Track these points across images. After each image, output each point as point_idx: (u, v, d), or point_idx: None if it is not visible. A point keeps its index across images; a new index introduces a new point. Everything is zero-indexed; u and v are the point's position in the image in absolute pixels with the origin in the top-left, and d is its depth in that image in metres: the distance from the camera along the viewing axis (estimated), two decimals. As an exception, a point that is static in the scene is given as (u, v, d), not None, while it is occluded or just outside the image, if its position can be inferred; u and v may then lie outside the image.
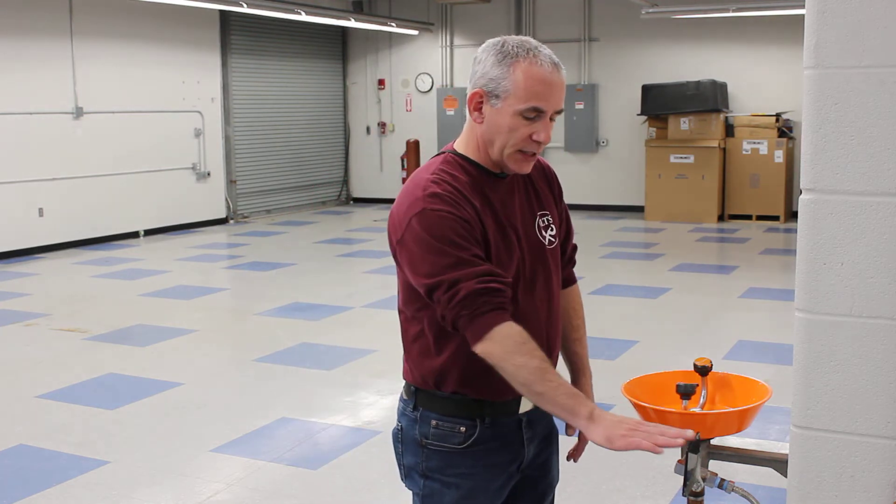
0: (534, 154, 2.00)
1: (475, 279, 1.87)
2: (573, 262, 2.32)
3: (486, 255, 1.96)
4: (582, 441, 2.22)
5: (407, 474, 2.13)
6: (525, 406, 2.10)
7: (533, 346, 1.89)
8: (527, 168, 2.03)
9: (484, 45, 1.99)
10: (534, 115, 1.93)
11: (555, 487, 2.27)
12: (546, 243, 2.11)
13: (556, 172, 2.25)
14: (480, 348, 1.89)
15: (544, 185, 2.17)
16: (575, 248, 2.31)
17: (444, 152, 2.07)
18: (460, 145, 2.06)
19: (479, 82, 1.96)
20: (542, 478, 2.21)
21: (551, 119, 1.96)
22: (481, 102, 1.96)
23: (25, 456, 4.51)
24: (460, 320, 1.89)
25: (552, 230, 2.14)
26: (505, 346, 1.88)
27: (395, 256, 2.01)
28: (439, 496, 2.07)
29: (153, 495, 4.07)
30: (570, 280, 2.31)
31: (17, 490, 4.10)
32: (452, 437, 2.04)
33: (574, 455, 2.24)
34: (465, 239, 1.91)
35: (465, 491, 2.06)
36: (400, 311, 2.11)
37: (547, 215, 2.14)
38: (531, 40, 1.96)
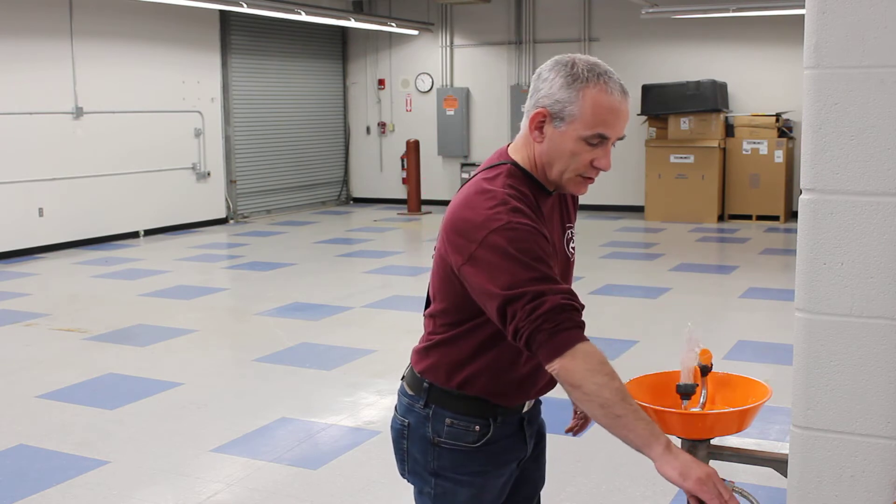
0: (592, 178, 1.97)
1: (560, 294, 1.82)
2: None
3: None
4: (583, 420, 2.31)
5: (412, 470, 2.13)
6: (528, 405, 2.14)
7: (612, 369, 1.82)
8: (584, 190, 2.01)
9: (550, 63, 1.94)
10: (597, 141, 1.91)
11: (544, 479, 2.32)
12: (570, 257, 2.14)
13: None
14: (560, 364, 1.80)
15: (570, 197, 2.18)
16: None
17: (503, 163, 2.01)
18: (517, 157, 2.01)
19: (544, 101, 1.92)
20: (535, 470, 2.26)
21: (612, 145, 1.95)
22: (543, 122, 1.93)
23: (25, 456, 4.51)
24: (540, 334, 1.80)
25: (573, 243, 2.16)
26: (588, 364, 1.79)
27: (455, 267, 1.92)
28: (452, 495, 2.08)
29: (153, 495, 4.07)
30: None
31: (17, 490, 4.10)
32: (466, 436, 2.05)
33: (575, 430, 2.35)
34: (548, 255, 1.88)
35: (477, 489, 2.08)
36: (431, 316, 2.09)
37: (571, 228, 2.16)
38: (601, 63, 1.92)
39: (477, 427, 2.04)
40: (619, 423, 1.77)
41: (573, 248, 2.15)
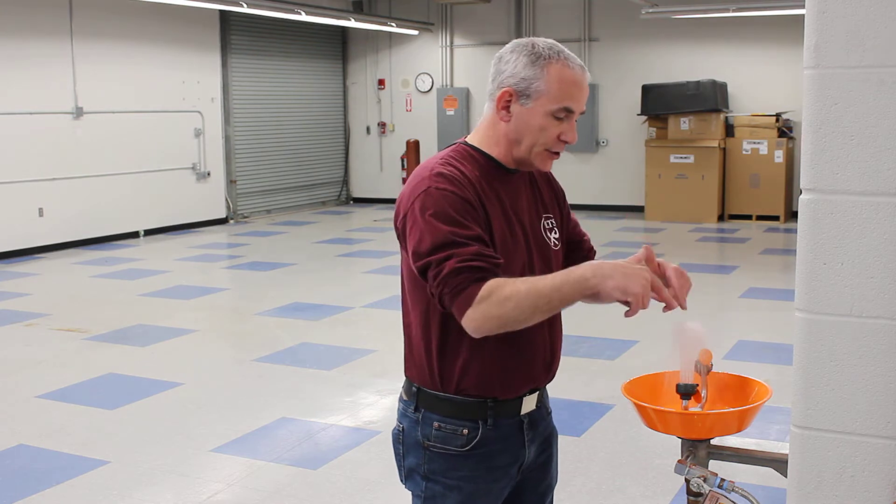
0: (558, 153, 2.05)
1: (458, 258, 1.85)
2: (591, 249, 2.30)
3: (490, 240, 1.96)
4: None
5: (408, 476, 2.12)
6: (527, 407, 2.10)
7: (511, 280, 1.85)
8: (549, 166, 2.09)
9: (511, 46, 2.03)
10: (563, 115, 1.98)
11: (554, 488, 2.27)
12: (551, 244, 2.13)
13: (557, 173, 2.27)
14: (469, 318, 1.85)
15: (546, 188, 2.20)
16: (588, 239, 2.31)
17: (454, 143, 2.10)
18: (474, 139, 2.08)
19: (509, 81, 1.99)
20: (542, 479, 2.21)
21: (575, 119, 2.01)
22: (510, 101, 2.00)
23: (25, 456, 4.51)
24: (445, 298, 1.87)
25: (556, 233, 2.16)
26: (490, 300, 1.83)
27: (400, 240, 2.02)
28: (441, 499, 2.06)
29: (153, 495, 4.07)
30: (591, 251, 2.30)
31: (17, 490, 4.10)
32: (455, 440, 2.03)
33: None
34: (464, 217, 1.91)
35: (466, 494, 2.05)
36: (403, 305, 2.11)
37: (551, 218, 2.17)
38: (558, 43, 2.01)
39: (465, 430, 2.02)
40: (553, 302, 1.85)
41: (557, 239, 2.16)
